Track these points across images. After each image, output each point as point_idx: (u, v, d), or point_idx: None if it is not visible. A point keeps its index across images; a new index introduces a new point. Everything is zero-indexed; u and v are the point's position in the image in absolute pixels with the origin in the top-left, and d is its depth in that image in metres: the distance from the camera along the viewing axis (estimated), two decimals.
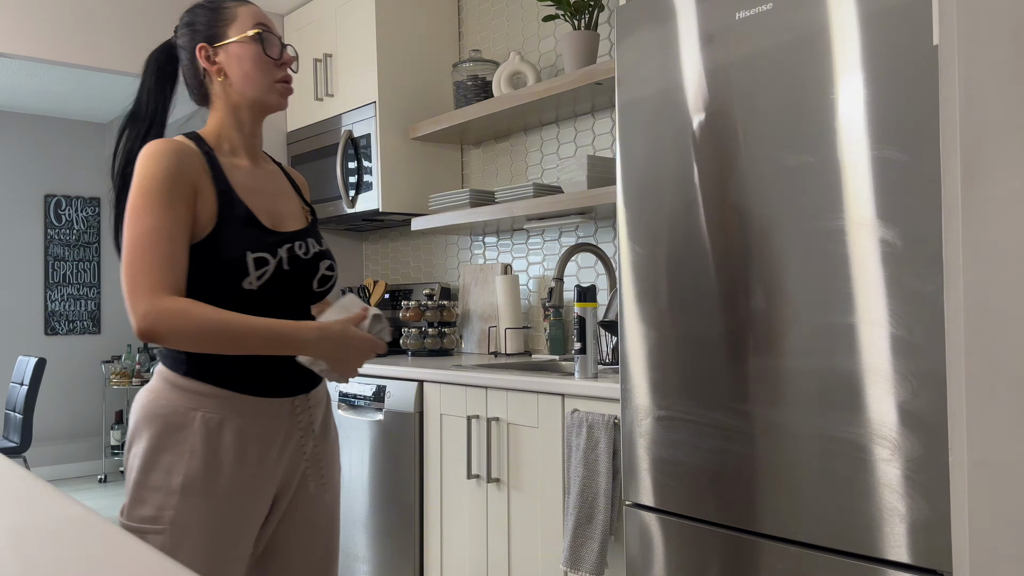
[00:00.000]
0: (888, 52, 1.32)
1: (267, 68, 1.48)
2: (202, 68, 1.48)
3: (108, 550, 0.74)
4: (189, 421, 1.37)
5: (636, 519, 1.71)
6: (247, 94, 1.48)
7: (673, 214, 1.64)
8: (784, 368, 1.44)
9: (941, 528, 1.25)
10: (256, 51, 1.47)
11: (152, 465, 1.37)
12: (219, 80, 1.47)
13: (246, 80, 1.47)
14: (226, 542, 1.37)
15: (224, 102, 1.49)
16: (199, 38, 1.48)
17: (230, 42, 1.46)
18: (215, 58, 1.47)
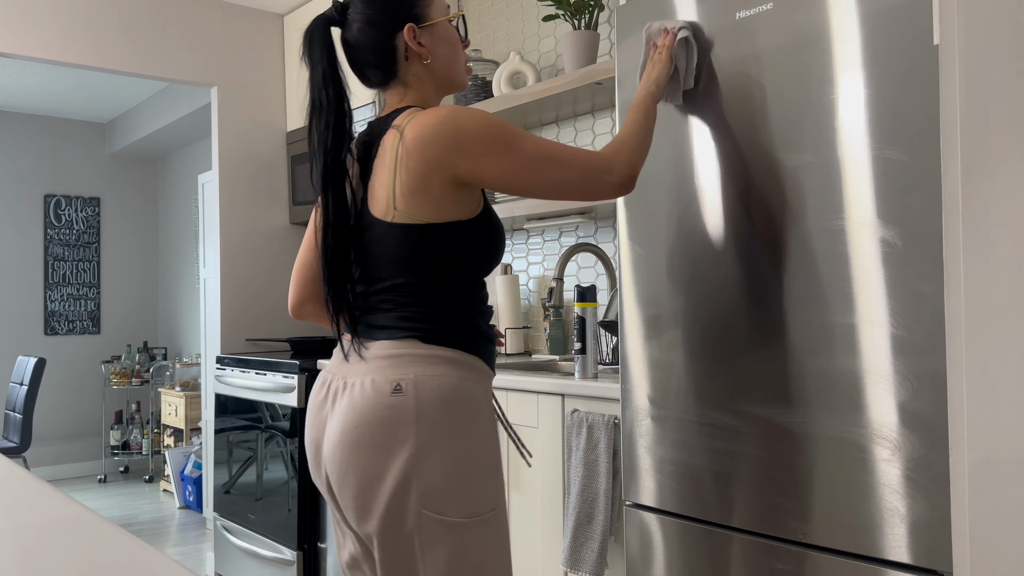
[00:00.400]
0: (888, 52, 1.31)
1: (461, 50, 1.47)
2: (403, 48, 1.40)
3: (108, 550, 0.74)
4: (482, 395, 1.36)
5: (636, 519, 1.71)
6: (448, 76, 1.45)
7: (673, 214, 1.64)
8: (784, 368, 1.44)
9: (941, 528, 1.25)
10: (456, 35, 1.45)
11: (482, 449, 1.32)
12: (425, 62, 1.41)
13: (450, 64, 1.44)
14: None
15: (424, 83, 1.43)
16: (403, 17, 1.39)
17: (435, 23, 1.42)
18: (420, 38, 1.40)
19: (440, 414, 1.29)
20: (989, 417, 1.22)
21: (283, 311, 3.75)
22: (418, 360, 1.31)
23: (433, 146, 1.29)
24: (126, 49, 3.38)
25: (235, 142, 3.63)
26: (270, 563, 3.11)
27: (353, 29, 1.41)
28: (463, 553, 1.28)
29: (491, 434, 1.35)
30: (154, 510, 4.94)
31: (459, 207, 1.33)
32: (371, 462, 1.28)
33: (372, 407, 1.29)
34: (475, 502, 1.30)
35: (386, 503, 1.28)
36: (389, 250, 1.34)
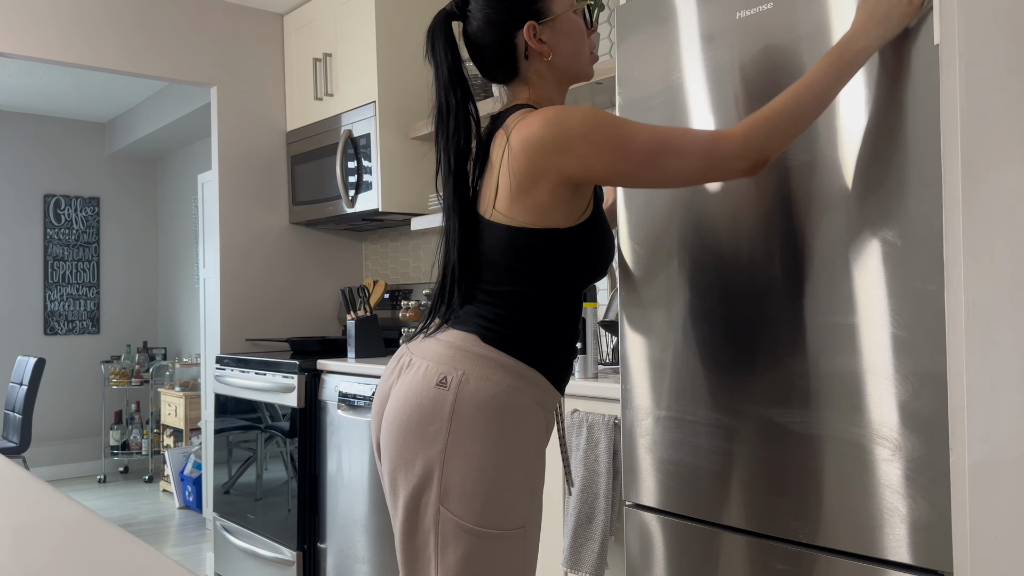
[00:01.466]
0: (888, 51, 1.31)
1: (586, 40, 1.41)
2: (524, 47, 1.36)
3: (108, 550, 0.74)
4: (531, 411, 1.33)
5: (636, 519, 1.71)
6: (571, 70, 1.40)
7: (673, 214, 1.64)
8: (785, 368, 1.44)
9: (941, 528, 1.25)
10: (580, 25, 1.39)
11: (515, 464, 1.30)
12: (546, 60, 1.37)
13: (574, 57, 1.39)
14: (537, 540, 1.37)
15: (545, 80, 1.39)
16: (523, 15, 1.35)
17: (557, 18, 1.36)
18: (541, 36, 1.36)
19: (475, 417, 1.28)
20: (989, 417, 1.22)
21: (283, 311, 3.75)
22: (472, 357, 1.31)
23: (540, 149, 1.26)
24: (126, 49, 3.38)
25: (235, 142, 3.63)
26: (270, 563, 3.11)
27: (474, 26, 1.39)
28: (477, 562, 1.28)
29: (530, 451, 1.32)
30: (154, 510, 4.94)
31: (563, 213, 1.31)
32: (406, 446, 1.30)
33: (417, 393, 1.31)
34: (496, 515, 1.28)
35: (409, 491, 1.30)
36: (482, 247, 1.34)
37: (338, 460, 2.86)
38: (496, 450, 1.28)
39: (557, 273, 1.34)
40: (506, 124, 1.34)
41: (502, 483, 1.28)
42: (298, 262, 3.79)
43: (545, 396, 1.36)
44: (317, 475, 2.98)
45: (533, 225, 1.30)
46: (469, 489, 1.27)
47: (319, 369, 3.00)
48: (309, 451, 2.98)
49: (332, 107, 3.43)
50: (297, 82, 3.68)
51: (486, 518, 1.27)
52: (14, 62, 4.70)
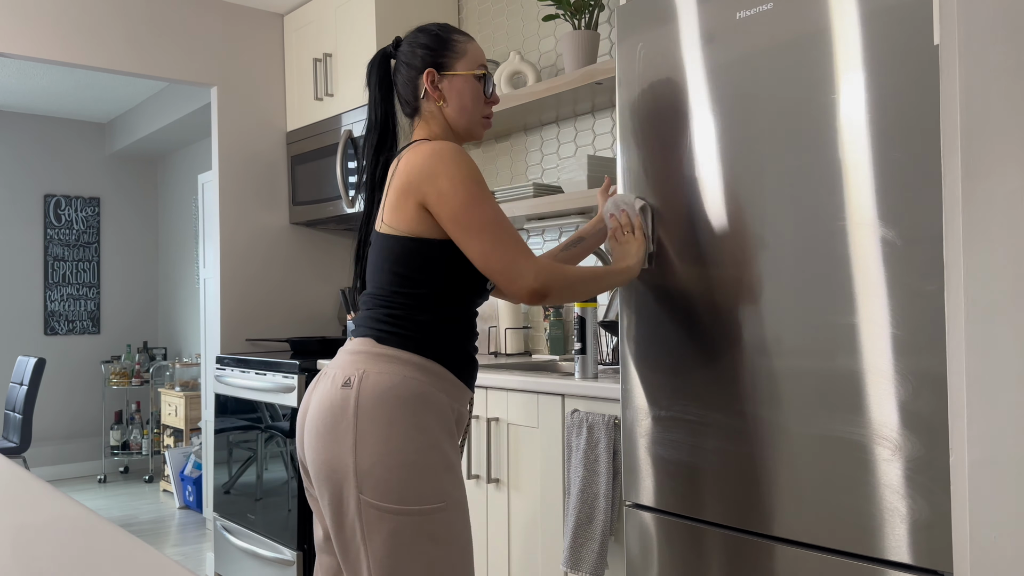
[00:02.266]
0: (888, 52, 1.31)
1: (480, 105, 1.62)
2: (423, 88, 1.59)
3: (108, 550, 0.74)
4: (432, 396, 1.47)
5: (636, 519, 1.71)
6: (459, 123, 1.61)
7: (673, 214, 1.64)
8: (785, 368, 1.44)
9: (941, 528, 1.25)
10: (477, 89, 1.61)
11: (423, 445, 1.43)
12: (437, 104, 1.59)
13: (462, 112, 1.60)
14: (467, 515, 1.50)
15: (438, 121, 1.61)
16: (428, 62, 1.59)
17: (456, 75, 1.59)
18: (439, 84, 1.59)
19: (377, 407, 1.41)
20: (989, 417, 1.22)
21: (283, 311, 3.75)
22: (370, 358, 1.47)
23: (416, 171, 1.47)
24: (126, 49, 3.38)
25: (235, 142, 3.63)
26: (270, 563, 3.11)
27: (397, 63, 1.63)
28: (403, 540, 1.39)
29: (437, 432, 1.45)
30: (154, 510, 4.94)
31: (429, 228, 1.48)
32: (323, 447, 1.43)
33: (327, 398, 1.45)
34: (413, 493, 1.39)
35: (331, 487, 1.42)
36: (374, 257, 1.54)
37: None
38: (403, 433, 1.41)
39: (436, 278, 1.50)
40: (401, 153, 1.55)
41: (413, 463, 1.40)
42: (298, 262, 3.79)
43: (449, 387, 1.50)
44: None
45: (409, 234, 1.48)
46: (383, 473, 1.39)
47: (319, 369, 3.00)
48: None
49: (332, 107, 3.43)
50: (297, 82, 3.68)
51: (403, 497, 1.39)
52: (14, 62, 4.70)
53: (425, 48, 1.59)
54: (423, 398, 1.44)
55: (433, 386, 1.47)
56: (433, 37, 1.59)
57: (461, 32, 1.63)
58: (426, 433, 1.42)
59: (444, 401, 1.48)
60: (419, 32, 1.61)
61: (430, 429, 1.43)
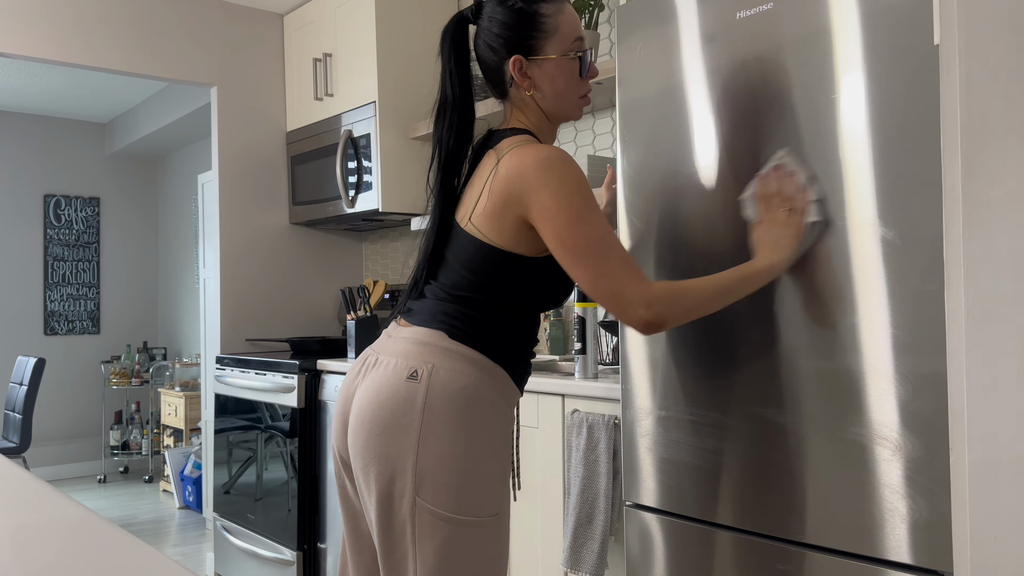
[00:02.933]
0: (888, 52, 1.31)
1: (577, 85, 1.44)
2: (510, 75, 1.41)
3: (108, 550, 0.74)
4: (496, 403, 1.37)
5: (636, 519, 1.71)
6: (555, 110, 1.44)
7: (673, 214, 1.64)
8: (785, 368, 1.44)
9: (941, 528, 1.25)
10: (572, 69, 1.42)
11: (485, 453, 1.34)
12: (528, 93, 1.42)
13: (557, 99, 1.43)
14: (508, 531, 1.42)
15: (529, 108, 1.44)
16: (513, 46, 1.40)
17: (546, 59, 1.40)
18: (527, 71, 1.41)
19: (447, 407, 1.31)
20: (989, 417, 1.22)
21: (283, 311, 3.75)
22: (440, 352, 1.35)
23: (519, 180, 1.32)
24: (126, 49, 3.38)
25: (235, 142, 3.63)
26: (270, 563, 3.11)
27: (479, 40, 1.44)
28: (455, 550, 1.30)
29: (499, 441, 1.36)
30: (154, 510, 4.94)
31: (527, 244, 1.36)
32: (378, 440, 1.32)
33: (388, 387, 1.33)
34: (471, 502, 1.31)
35: (384, 483, 1.32)
36: (454, 252, 1.39)
37: None
38: (468, 439, 1.31)
39: (512, 294, 1.38)
40: (499, 146, 1.39)
41: (475, 471, 1.31)
42: (298, 262, 3.79)
43: (507, 391, 1.40)
44: (317, 475, 2.99)
45: (501, 246, 1.35)
46: (444, 478, 1.29)
47: (319, 369, 3.00)
48: (309, 451, 2.98)
49: (332, 107, 3.43)
50: (297, 82, 3.68)
51: (461, 506, 1.30)
52: (14, 62, 4.70)
53: (507, 29, 1.38)
54: (490, 403, 1.35)
55: (496, 390, 1.37)
56: (517, 13, 1.38)
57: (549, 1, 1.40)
58: (490, 441, 1.34)
59: (503, 407, 1.39)
60: (500, 4, 1.40)
61: (493, 436, 1.35)
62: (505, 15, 1.39)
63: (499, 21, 1.40)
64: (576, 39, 1.42)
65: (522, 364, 1.44)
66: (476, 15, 1.44)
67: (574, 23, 1.43)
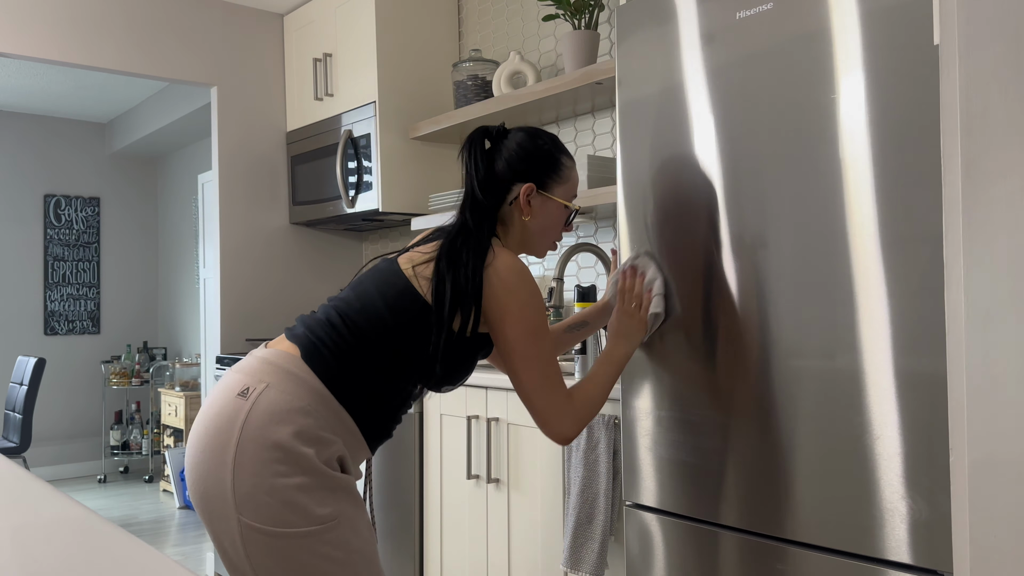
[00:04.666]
0: (888, 52, 1.31)
1: (559, 231, 1.60)
2: (516, 196, 1.53)
3: (108, 550, 0.74)
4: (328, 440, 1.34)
5: (636, 519, 1.71)
6: (531, 242, 1.57)
7: (673, 214, 1.64)
8: (784, 368, 1.44)
9: (941, 528, 1.25)
10: (563, 216, 1.58)
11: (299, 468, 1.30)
12: (524, 217, 1.54)
13: (543, 232, 1.57)
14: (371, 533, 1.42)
15: (514, 230, 1.56)
16: (532, 176, 1.54)
17: (552, 199, 1.55)
18: (531, 199, 1.54)
19: (265, 424, 1.28)
20: (989, 417, 1.22)
21: (283, 311, 3.75)
22: (281, 372, 1.33)
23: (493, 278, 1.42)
24: (126, 49, 3.38)
25: (235, 142, 3.63)
26: None
27: (500, 154, 1.55)
28: (293, 562, 1.27)
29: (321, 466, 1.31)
30: (154, 510, 4.94)
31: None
32: (202, 458, 1.30)
33: (217, 404, 1.32)
34: (299, 513, 1.26)
35: (210, 505, 1.29)
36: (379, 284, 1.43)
37: None
38: (285, 456, 1.27)
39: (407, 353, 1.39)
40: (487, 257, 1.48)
41: (294, 486, 1.27)
42: (298, 262, 3.79)
43: (351, 439, 1.37)
44: None
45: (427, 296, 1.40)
46: (262, 497, 1.25)
47: None
48: None
49: (332, 107, 3.43)
50: (297, 82, 3.68)
51: (288, 520, 1.26)
52: (14, 62, 4.70)
53: (534, 160, 1.53)
54: (316, 435, 1.31)
55: (334, 432, 1.34)
56: (545, 153, 1.54)
57: (568, 154, 1.58)
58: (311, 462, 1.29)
59: (338, 445, 1.35)
60: (532, 138, 1.55)
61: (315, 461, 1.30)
62: (534, 148, 1.54)
63: (528, 150, 1.54)
64: (574, 197, 1.60)
65: (379, 428, 1.42)
66: (499, 136, 1.57)
67: (577, 184, 1.61)
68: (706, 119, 1.58)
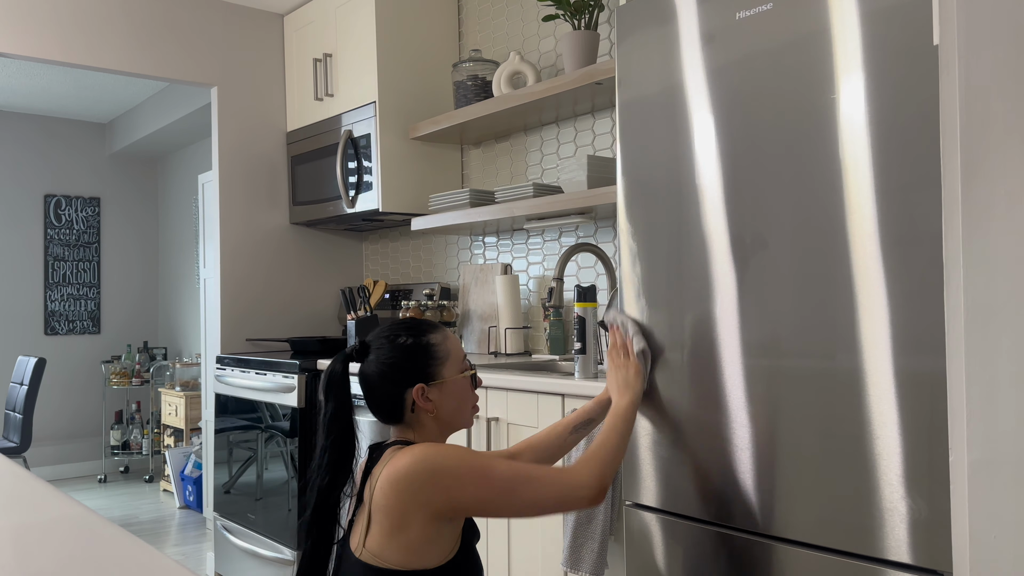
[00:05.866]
0: (888, 52, 1.32)
1: (470, 396, 1.54)
2: (411, 402, 1.47)
3: (108, 550, 0.74)
4: None
5: (636, 519, 1.71)
6: (454, 423, 1.51)
7: (673, 214, 1.64)
8: (784, 367, 1.44)
9: (941, 528, 1.25)
10: (465, 386, 1.52)
11: None
12: (431, 414, 1.48)
13: (457, 413, 1.51)
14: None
15: (428, 428, 1.49)
16: (415, 378, 1.47)
17: (444, 382, 1.49)
18: (429, 395, 1.47)
19: None
20: (989, 417, 1.22)
21: (283, 311, 3.75)
22: None
23: (409, 484, 1.34)
24: (126, 49, 3.38)
25: (235, 142, 3.63)
26: (270, 563, 3.11)
27: (369, 371, 1.49)
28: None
29: None
30: (154, 510, 4.94)
31: (436, 550, 1.37)
32: None
33: None
34: None
35: None
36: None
37: None
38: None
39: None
40: (381, 459, 1.42)
41: None
42: (298, 262, 3.79)
43: None
44: None
45: (402, 567, 1.35)
46: None
47: (319, 369, 3.00)
48: (309, 451, 2.98)
49: (332, 107, 3.43)
50: (297, 82, 3.68)
51: None
52: (14, 62, 4.70)
53: (406, 361, 1.47)
54: None
55: None
56: (409, 349, 1.47)
57: (431, 326, 1.52)
58: None
59: None
60: (389, 344, 1.48)
61: None
62: (399, 351, 1.47)
63: (395, 359, 1.47)
64: (464, 358, 1.54)
65: None
66: (362, 353, 1.50)
67: (458, 345, 1.54)
68: (706, 119, 1.58)
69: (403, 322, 1.52)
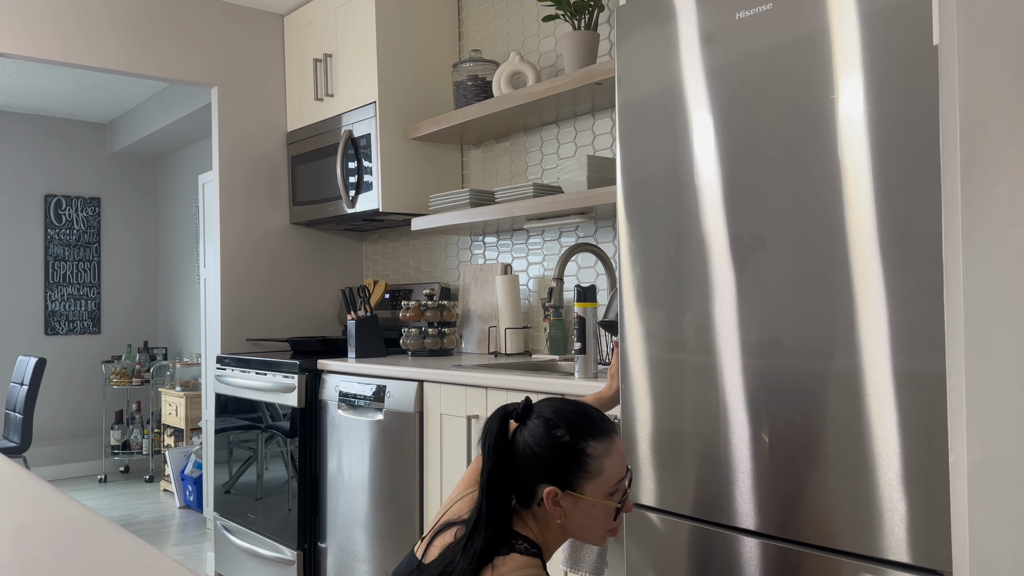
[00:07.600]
0: (888, 52, 1.32)
1: (610, 523, 1.36)
2: (540, 499, 1.33)
3: (108, 550, 0.74)
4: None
5: (636, 519, 1.71)
6: (580, 537, 1.37)
7: (673, 214, 1.64)
8: (784, 368, 1.44)
9: (941, 528, 1.25)
10: (606, 514, 1.35)
11: None
12: (558, 521, 1.33)
13: (585, 532, 1.35)
14: None
15: (551, 529, 1.36)
16: (551, 477, 1.32)
17: (582, 498, 1.33)
18: (560, 501, 1.33)
19: None
20: (989, 417, 1.22)
21: (283, 311, 3.75)
22: None
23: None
24: (126, 49, 3.38)
25: (235, 142, 3.63)
26: (270, 563, 3.11)
27: (521, 440, 1.36)
28: None
29: None
30: (154, 510, 4.94)
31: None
32: None
33: None
34: None
35: None
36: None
37: (338, 460, 2.86)
38: None
39: None
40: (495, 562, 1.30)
41: None
42: (299, 262, 3.79)
43: None
44: (317, 475, 2.99)
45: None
46: None
47: (319, 369, 3.00)
48: (309, 451, 2.98)
49: (332, 107, 3.43)
50: (297, 82, 3.68)
51: None
52: (14, 62, 4.70)
53: (551, 457, 1.31)
54: None
55: None
56: (561, 448, 1.31)
57: (600, 431, 1.34)
58: None
59: None
60: (545, 429, 1.33)
61: None
62: (549, 444, 1.32)
63: (543, 447, 1.33)
64: (619, 480, 1.35)
65: None
66: (524, 416, 1.37)
67: (620, 463, 1.36)
68: (706, 119, 1.58)
69: (574, 410, 1.36)
